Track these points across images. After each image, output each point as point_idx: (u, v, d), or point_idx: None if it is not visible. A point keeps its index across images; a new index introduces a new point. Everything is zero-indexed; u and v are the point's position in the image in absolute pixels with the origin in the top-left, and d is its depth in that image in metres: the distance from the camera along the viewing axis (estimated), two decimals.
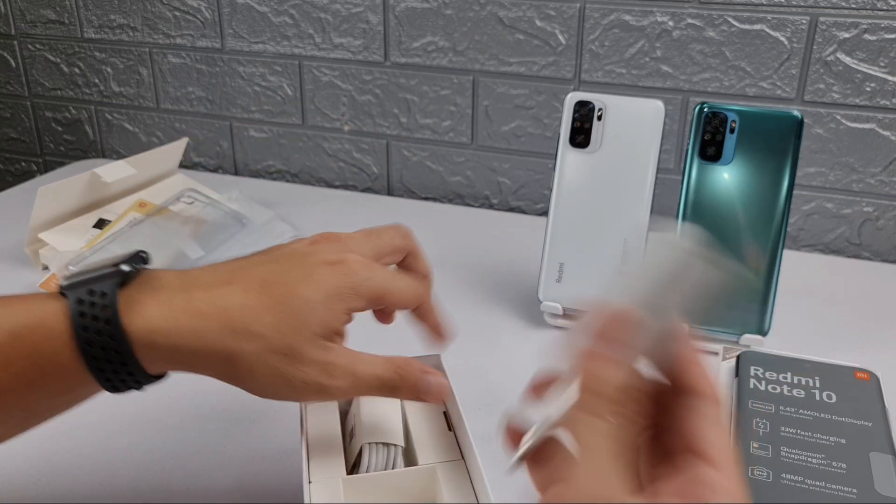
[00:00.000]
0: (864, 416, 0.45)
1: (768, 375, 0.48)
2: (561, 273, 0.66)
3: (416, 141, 0.96)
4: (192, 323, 0.35)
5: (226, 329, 0.35)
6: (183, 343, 0.35)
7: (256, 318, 0.36)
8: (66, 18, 1.05)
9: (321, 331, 0.37)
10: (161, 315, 0.35)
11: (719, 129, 0.62)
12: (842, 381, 0.48)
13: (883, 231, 0.83)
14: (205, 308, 0.36)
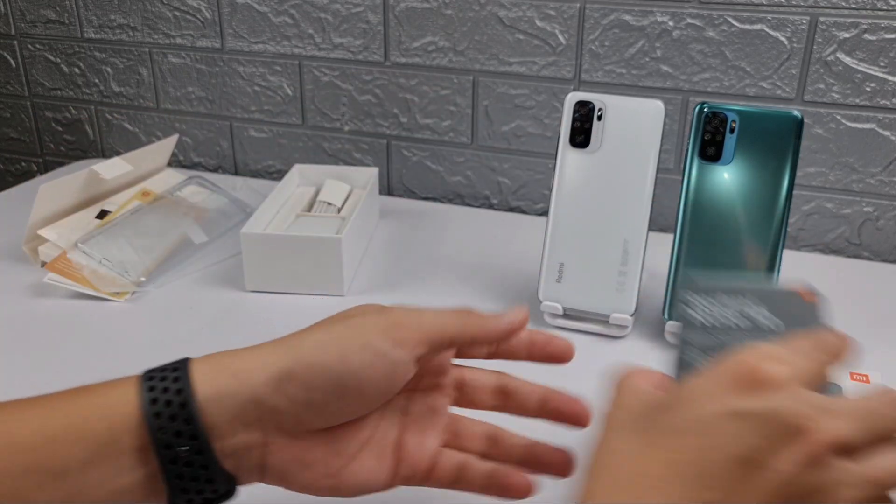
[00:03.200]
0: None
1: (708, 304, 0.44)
2: (561, 273, 0.66)
3: (416, 141, 0.96)
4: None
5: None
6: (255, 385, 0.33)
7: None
8: (66, 18, 1.05)
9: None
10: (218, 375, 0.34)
11: (719, 129, 0.62)
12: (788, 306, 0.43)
13: (883, 231, 0.83)
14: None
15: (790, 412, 0.27)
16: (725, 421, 0.27)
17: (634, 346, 0.65)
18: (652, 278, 0.71)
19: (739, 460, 0.26)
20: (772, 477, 0.26)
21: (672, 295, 0.64)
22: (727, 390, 0.28)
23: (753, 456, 0.26)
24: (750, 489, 0.26)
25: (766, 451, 0.26)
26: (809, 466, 0.26)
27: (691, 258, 0.63)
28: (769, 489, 0.26)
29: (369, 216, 0.85)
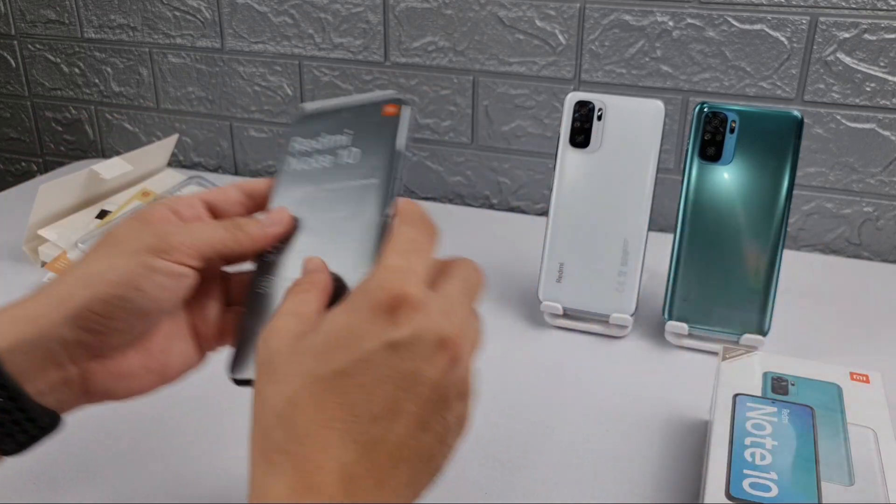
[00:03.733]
0: (374, 173, 0.40)
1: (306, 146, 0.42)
2: (561, 273, 0.66)
3: (416, 141, 0.96)
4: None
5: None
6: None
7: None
8: (66, 18, 1.05)
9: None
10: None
11: (719, 129, 0.62)
12: (371, 127, 0.41)
13: (883, 231, 0.83)
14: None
15: (431, 329, 0.30)
16: (382, 354, 0.30)
17: (634, 346, 0.65)
18: (652, 278, 0.71)
19: (400, 383, 0.30)
20: (427, 384, 0.30)
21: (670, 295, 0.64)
22: (378, 322, 0.30)
23: (412, 375, 0.30)
24: (412, 402, 0.30)
25: (421, 366, 0.30)
26: (453, 365, 0.31)
27: (691, 258, 0.63)
28: (427, 395, 0.30)
29: None
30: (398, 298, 0.30)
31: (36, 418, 0.35)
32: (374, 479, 0.29)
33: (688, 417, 0.56)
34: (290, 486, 0.28)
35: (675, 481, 0.50)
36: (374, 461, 0.29)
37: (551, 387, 0.60)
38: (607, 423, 0.55)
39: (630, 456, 0.52)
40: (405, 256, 0.33)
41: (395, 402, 0.30)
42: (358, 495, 0.29)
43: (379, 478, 0.29)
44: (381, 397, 0.30)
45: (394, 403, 0.30)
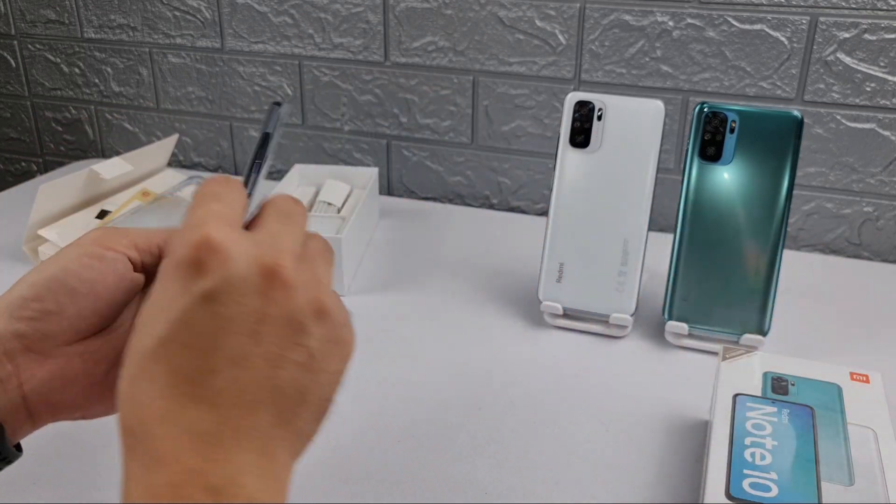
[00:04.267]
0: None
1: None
2: (561, 273, 0.66)
3: (416, 141, 0.96)
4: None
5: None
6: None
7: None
8: (66, 18, 1.05)
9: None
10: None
11: (719, 129, 0.62)
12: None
13: (883, 231, 0.83)
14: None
15: (243, 265, 0.29)
16: (199, 308, 0.28)
17: (634, 346, 0.65)
18: (652, 278, 0.71)
19: (231, 329, 0.28)
20: (265, 319, 0.29)
21: (670, 295, 0.64)
22: (186, 278, 0.29)
23: (240, 317, 0.28)
24: (252, 343, 0.28)
25: (248, 305, 0.28)
26: (287, 291, 0.29)
27: (691, 258, 0.63)
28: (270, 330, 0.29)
29: (369, 216, 0.85)
30: (200, 246, 0.29)
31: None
32: (227, 429, 0.28)
33: (688, 417, 0.56)
34: (142, 464, 0.27)
35: (675, 481, 0.50)
36: (222, 414, 0.28)
37: (551, 387, 0.60)
38: (607, 423, 0.55)
39: (630, 456, 0.52)
40: (203, 206, 0.31)
41: (233, 349, 0.28)
42: (215, 451, 0.27)
43: (233, 427, 0.28)
44: (216, 350, 0.28)
45: (233, 351, 0.28)
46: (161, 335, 0.28)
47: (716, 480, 0.42)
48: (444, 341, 0.65)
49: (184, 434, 0.27)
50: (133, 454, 0.28)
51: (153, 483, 0.27)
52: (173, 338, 0.28)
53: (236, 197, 0.32)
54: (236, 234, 0.29)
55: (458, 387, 0.60)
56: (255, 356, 0.28)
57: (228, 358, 0.28)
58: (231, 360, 0.28)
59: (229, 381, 0.28)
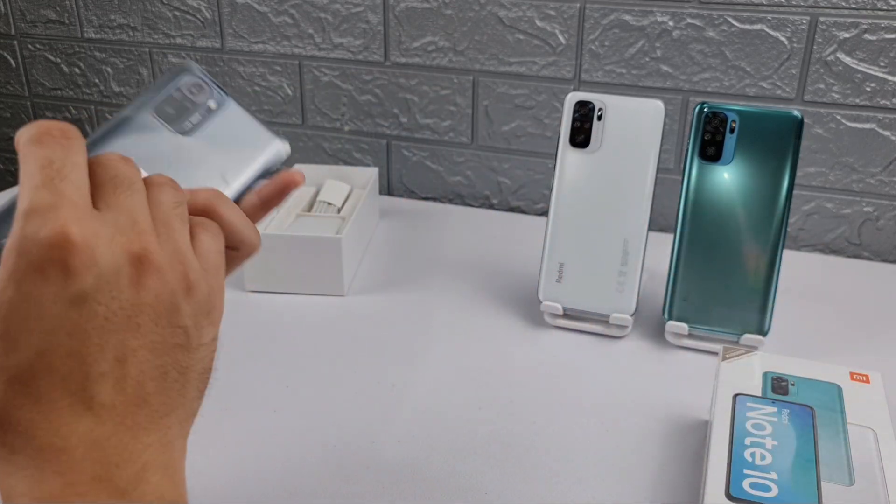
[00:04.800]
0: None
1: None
2: (561, 273, 0.66)
3: (416, 141, 0.96)
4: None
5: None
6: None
7: None
8: (66, 18, 1.05)
9: None
10: None
11: (719, 129, 0.62)
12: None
13: (883, 231, 0.83)
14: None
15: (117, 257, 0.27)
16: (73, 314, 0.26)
17: (634, 346, 0.65)
18: (652, 278, 0.71)
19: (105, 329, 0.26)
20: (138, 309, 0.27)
21: (670, 295, 0.64)
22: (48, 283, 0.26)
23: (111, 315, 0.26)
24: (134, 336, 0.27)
25: (115, 298, 0.27)
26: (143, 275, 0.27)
27: (691, 258, 0.63)
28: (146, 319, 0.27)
29: (369, 216, 0.85)
30: (60, 247, 0.25)
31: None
32: (127, 429, 0.26)
33: (688, 417, 0.56)
34: (32, 480, 0.25)
35: (675, 481, 0.50)
36: (119, 414, 0.26)
37: (551, 387, 0.60)
38: (607, 423, 0.55)
39: (630, 456, 0.52)
40: (48, 185, 0.26)
41: (116, 348, 0.27)
42: (118, 455, 0.26)
43: (132, 425, 0.27)
44: (99, 352, 0.26)
45: (115, 350, 0.27)
46: (39, 348, 0.26)
47: (716, 480, 0.42)
48: (444, 341, 0.65)
49: (82, 445, 0.26)
50: (19, 470, 0.26)
51: (49, 493, 0.25)
52: (53, 349, 0.26)
53: (80, 162, 0.28)
54: (95, 224, 0.27)
55: (458, 387, 0.60)
56: (139, 349, 0.27)
57: (114, 357, 0.27)
58: (117, 358, 0.27)
59: (119, 381, 0.27)
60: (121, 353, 0.27)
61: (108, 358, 0.26)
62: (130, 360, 0.27)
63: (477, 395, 0.58)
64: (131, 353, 0.27)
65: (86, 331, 0.26)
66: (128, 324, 0.27)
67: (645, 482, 0.50)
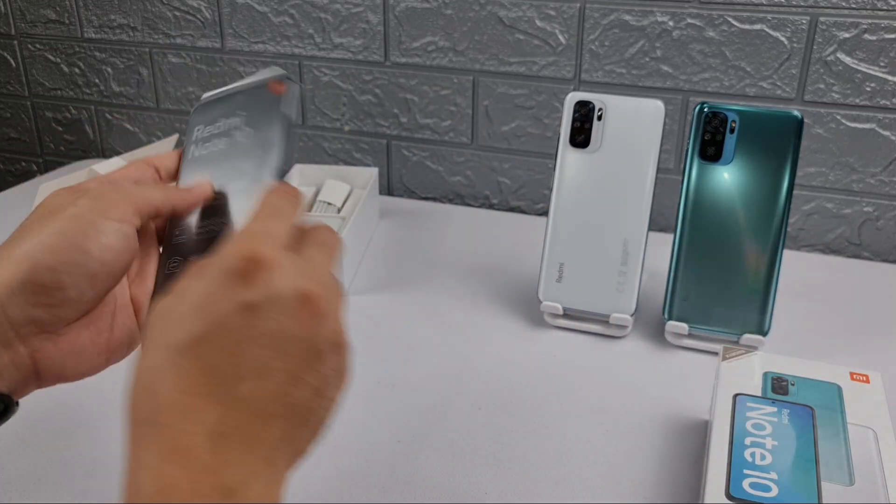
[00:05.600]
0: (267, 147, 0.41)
1: (206, 132, 0.44)
2: (561, 273, 0.66)
3: (416, 141, 0.96)
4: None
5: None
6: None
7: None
8: (66, 18, 1.05)
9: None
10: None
11: (719, 129, 0.62)
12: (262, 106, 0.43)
13: (883, 231, 0.83)
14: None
15: (288, 286, 0.30)
16: (240, 316, 0.30)
17: (634, 346, 0.65)
18: (652, 278, 0.71)
19: (263, 342, 0.30)
20: (293, 340, 0.30)
21: (670, 295, 0.64)
22: (231, 286, 0.30)
23: (275, 333, 0.30)
24: (280, 359, 0.30)
25: (284, 323, 0.30)
26: (318, 318, 0.31)
27: (691, 258, 0.63)
28: (295, 351, 0.30)
29: (369, 216, 0.85)
30: (250, 260, 0.30)
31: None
32: (242, 435, 0.29)
33: (688, 417, 0.56)
34: (157, 453, 0.28)
35: (675, 481, 0.50)
36: (241, 419, 0.29)
37: (551, 387, 0.60)
38: (607, 423, 0.55)
39: (630, 456, 0.52)
40: (262, 221, 0.33)
41: (261, 361, 0.30)
42: (227, 452, 0.28)
43: (248, 434, 0.29)
44: (244, 358, 0.29)
45: (259, 362, 0.30)
46: (196, 333, 0.29)
47: (716, 480, 0.42)
48: (444, 341, 0.65)
49: (203, 432, 0.28)
50: (146, 443, 0.28)
51: (167, 473, 0.27)
52: (209, 338, 0.29)
53: (293, 213, 0.35)
54: (284, 257, 0.31)
55: (458, 387, 0.60)
56: (278, 371, 0.30)
57: (254, 368, 0.29)
58: (256, 370, 0.29)
59: (252, 390, 0.29)
60: (263, 368, 0.30)
61: (250, 366, 0.29)
62: (269, 378, 0.30)
63: (477, 395, 0.58)
64: (271, 372, 0.30)
65: (241, 335, 0.29)
66: (278, 347, 0.30)
67: (645, 482, 0.50)
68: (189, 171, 0.43)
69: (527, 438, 0.54)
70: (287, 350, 0.30)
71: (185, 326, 0.30)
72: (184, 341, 0.29)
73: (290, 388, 0.30)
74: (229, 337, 0.29)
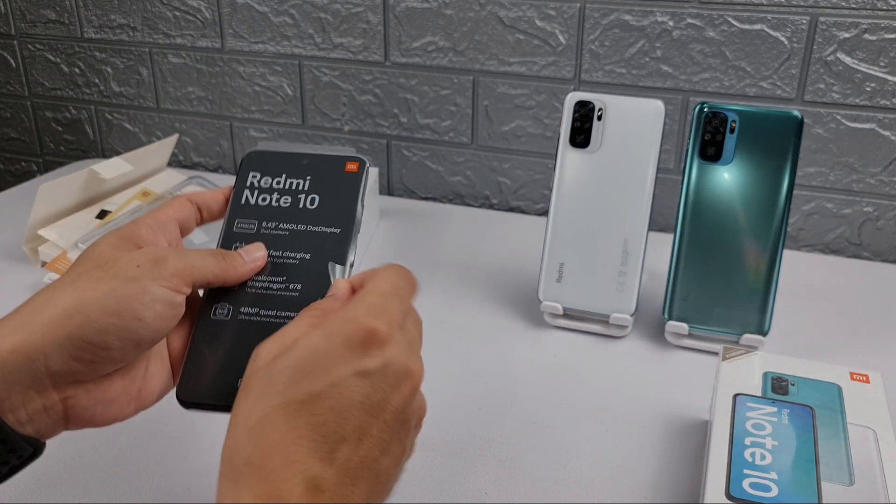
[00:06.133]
0: (336, 222, 0.43)
1: (263, 182, 0.44)
2: (561, 273, 0.66)
3: (416, 141, 0.96)
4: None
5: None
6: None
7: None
8: (66, 18, 1.05)
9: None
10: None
11: (719, 129, 0.62)
12: (331, 179, 0.44)
13: (883, 231, 0.83)
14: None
15: (399, 362, 0.33)
16: (353, 381, 0.32)
17: (634, 346, 0.65)
18: (652, 278, 0.71)
19: (369, 409, 0.32)
20: (392, 411, 0.33)
21: (670, 295, 0.64)
22: (349, 352, 0.33)
23: (379, 403, 0.33)
24: (378, 427, 0.32)
25: (389, 395, 0.33)
26: (414, 394, 0.34)
27: (691, 258, 0.63)
28: (391, 421, 0.33)
29: (369, 216, 0.85)
30: (372, 332, 0.33)
31: (16, 448, 0.34)
32: (335, 493, 0.31)
33: (688, 417, 0.56)
34: (257, 496, 0.30)
35: (675, 481, 0.50)
36: (337, 477, 0.31)
37: (551, 387, 0.60)
38: (607, 423, 0.55)
39: (630, 456, 0.52)
40: (385, 298, 0.35)
41: (363, 426, 0.32)
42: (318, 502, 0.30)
43: (340, 493, 0.31)
44: (350, 421, 0.32)
45: (361, 427, 0.32)
46: (313, 391, 0.32)
47: (716, 480, 0.42)
48: (443, 341, 0.65)
49: (303, 483, 0.30)
50: (245, 483, 0.30)
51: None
52: (323, 398, 0.32)
53: (410, 295, 0.38)
54: (398, 335, 0.34)
55: (458, 387, 0.60)
56: (374, 438, 0.32)
57: (357, 431, 0.32)
58: (359, 435, 0.32)
59: (350, 453, 0.32)
60: (363, 432, 0.32)
61: (353, 429, 0.32)
62: (366, 441, 0.32)
63: (477, 395, 0.58)
64: (369, 437, 0.32)
65: (352, 399, 0.32)
66: (379, 415, 0.33)
67: (645, 482, 0.50)
68: (243, 216, 0.43)
69: (527, 438, 0.54)
70: (385, 419, 0.33)
71: (302, 381, 0.32)
72: (298, 395, 0.32)
73: (379, 454, 0.33)
74: (341, 399, 0.32)
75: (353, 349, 0.33)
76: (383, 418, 0.33)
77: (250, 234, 0.42)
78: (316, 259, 0.41)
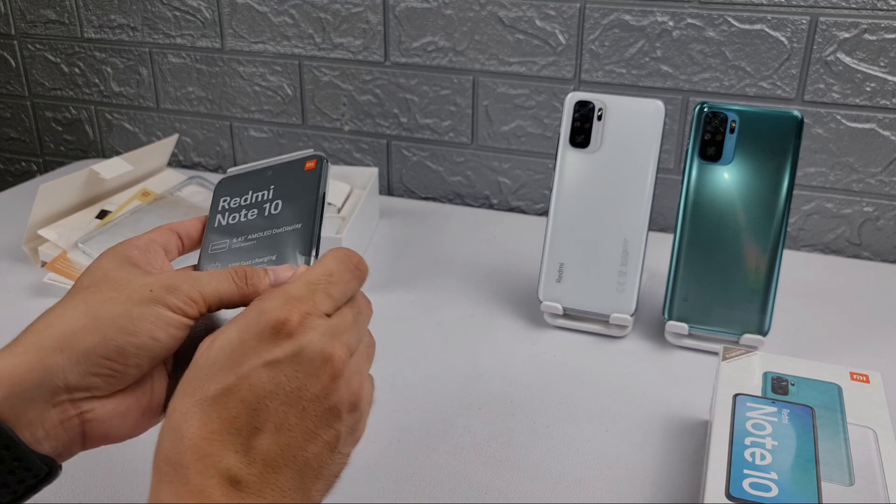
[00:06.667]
0: (297, 219, 0.42)
1: (233, 203, 0.45)
2: (561, 273, 0.66)
3: (416, 141, 0.96)
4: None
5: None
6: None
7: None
8: (66, 18, 1.05)
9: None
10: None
11: (719, 129, 0.62)
12: (292, 181, 0.44)
13: (883, 231, 0.83)
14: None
15: (314, 349, 0.33)
16: (263, 371, 0.32)
17: (634, 346, 0.65)
18: (652, 278, 0.71)
19: (283, 398, 0.32)
20: (311, 398, 0.33)
21: (670, 295, 0.64)
22: (259, 343, 0.33)
23: (294, 391, 0.32)
24: (297, 415, 0.32)
25: (305, 383, 0.33)
26: (335, 379, 0.33)
27: (691, 258, 0.63)
28: (312, 408, 0.33)
29: (369, 216, 0.85)
30: (281, 322, 0.33)
31: (32, 467, 0.34)
32: (255, 483, 0.31)
33: (688, 417, 0.56)
34: (173, 492, 0.30)
35: (675, 481, 0.50)
36: (257, 468, 0.31)
37: (551, 387, 0.60)
38: (607, 423, 0.55)
39: (630, 456, 0.52)
40: (309, 285, 0.35)
41: (280, 415, 0.32)
42: (240, 497, 0.31)
43: (262, 482, 0.31)
44: (264, 411, 0.32)
45: (278, 416, 0.32)
46: (226, 385, 0.32)
47: (716, 480, 0.42)
48: (444, 341, 0.65)
49: (217, 476, 0.31)
50: (166, 480, 0.31)
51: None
52: (234, 391, 0.32)
53: (348, 281, 0.36)
54: (316, 322, 0.34)
55: (458, 387, 0.60)
56: (295, 427, 0.32)
57: (274, 422, 0.32)
58: (275, 425, 0.32)
59: (268, 443, 0.32)
60: (281, 422, 0.32)
61: (270, 420, 0.32)
62: (285, 430, 0.32)
63: (477, 395, 0.58)
64: (288, 427, 0.32)
65: (264, 390, 0.32)
66: (296, 403, 0.32)
67: (645, 482, 0.50)
68: (215, 238, 0.43)
69: (527, 438, 0.54)
70: (305, 408, 0.33)
71: (216, 376, 0.32)
72: (212, 392, 0.32)
73: (305, 443, 0.32)
74: (252, 391, 0.32)
75: (264, 340, 0.33)
76: (301, 405, 0.32)
77: (222, 253, 0.43)
78: (281, 259, 0.41)
